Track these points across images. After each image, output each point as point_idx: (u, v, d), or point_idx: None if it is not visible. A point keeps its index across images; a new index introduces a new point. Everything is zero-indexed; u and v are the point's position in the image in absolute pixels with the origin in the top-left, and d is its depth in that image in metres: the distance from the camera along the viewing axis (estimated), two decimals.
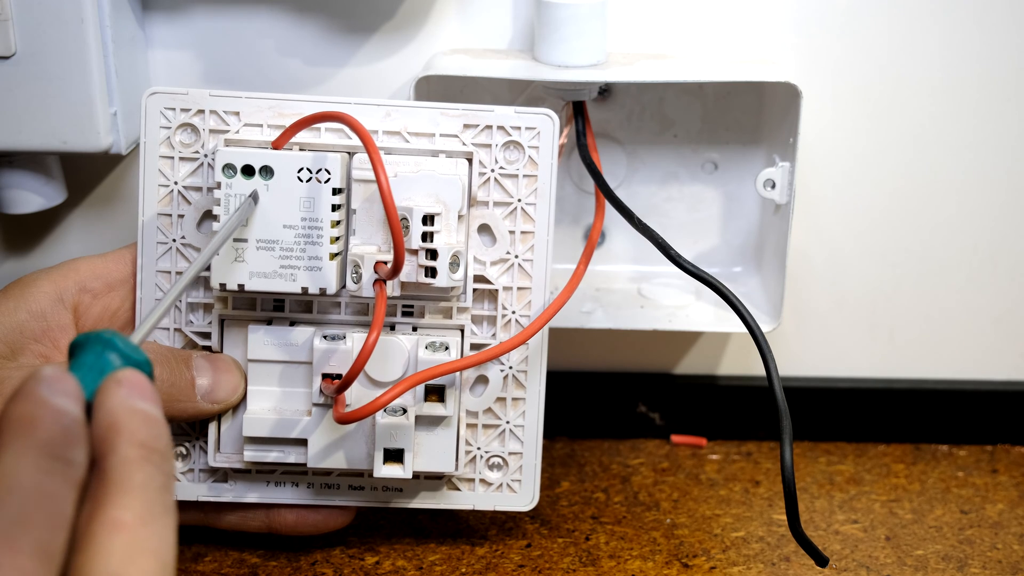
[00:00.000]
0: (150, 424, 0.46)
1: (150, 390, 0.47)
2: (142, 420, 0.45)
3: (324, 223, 0.64)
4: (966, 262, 0.83)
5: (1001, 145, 0.81)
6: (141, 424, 0.45)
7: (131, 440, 0.45)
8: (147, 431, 0.45)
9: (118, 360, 0.48)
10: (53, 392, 0.44)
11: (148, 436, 0.45)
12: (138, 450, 0.45)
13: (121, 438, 0.45)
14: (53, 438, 0.43)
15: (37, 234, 0.82)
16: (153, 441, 0.45)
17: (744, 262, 0.83)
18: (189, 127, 0.67)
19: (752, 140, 0.81)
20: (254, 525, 0.71)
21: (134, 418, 0.45)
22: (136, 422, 0.45)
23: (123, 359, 0.48)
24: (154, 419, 0.46)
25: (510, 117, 0.67)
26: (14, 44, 0.69)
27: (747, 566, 0.73)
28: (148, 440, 0.45)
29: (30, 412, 0.43)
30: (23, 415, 0.43)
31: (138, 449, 0.45)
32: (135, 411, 0.45)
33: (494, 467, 0.70)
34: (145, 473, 0.44)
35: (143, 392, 0.46)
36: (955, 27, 0.78)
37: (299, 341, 0.67)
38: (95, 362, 0.48)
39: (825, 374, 0.86)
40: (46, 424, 0.43)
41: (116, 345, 0.48)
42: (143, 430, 0.45)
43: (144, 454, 0.45)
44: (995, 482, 0.82)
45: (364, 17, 0.77)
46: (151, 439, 0.45)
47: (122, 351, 0.48)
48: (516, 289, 0.68)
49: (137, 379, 0.47)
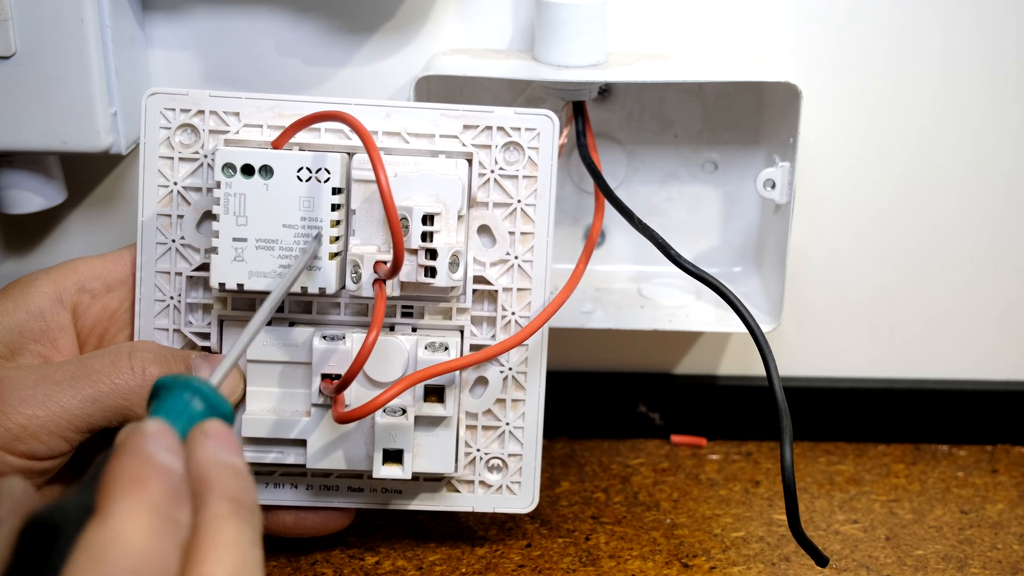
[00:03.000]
0: (239, 478, 0.46)
1: (236, 443, 0.47)
2: (232, 474, 0.46)
3: (324, 223, 0.64)
4: (966, 262, 0.83)
5: (1001, 145, 0.81)
6: (231, 478, 0.46)
7: (222, 495, 0.45)
8: (236, 485, 0.46)
9: (202, 407, 0.48)
10: (160, 449, 0.44)
11: (238, 491, 0.46)
12: (229, 505, 0.45)
13: (213, 493, 0.45)
14: (163, 498, 0.43)
15: (37, 234, 0.82)
16: (242, 495, 0.46)
17: (744, 262, 0.83)
18: (189, 127, 0.67)
19: (752, 140, 0.81)
20: None
21: (224, 472, 0.46)
22: (226, 476, 0.46)
23: (207, 407, 0.48)
24: (242, 473, 0.46)
25: (510, 118, 0.67)
26: (14, 44, 0.69)
27: (747, 566, 0.73)
28: (238, 495, 0.45)
29: (139, 470, 0.44)
30: (132, 472, 0.43)
31: (229, 504, 0.45)
32: (225, 466, 0.46)
33: (494, 469, 0.70)
34: (236, 528, 0.45)
35: (230, 445, 0.47)
36: (955, 26, 0.78)
37: (298, 341, 0.67)
38: (182, 409, 0.48)
39: (825, 374, 0.86)
40: (155, 483, 0.43)
41: (203, 392, 0.48)
42: (233, 484, 0.46)
43: (235, 509, 0.45)
44: (995, 482, 0.82)
45: (364, 17, 0.77)
46: (240, 493, 0.46)
47: (208, 397, 0.48)
48: (516, 290, 0.68)
49: (224, 431, 0.47)
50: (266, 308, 0.59)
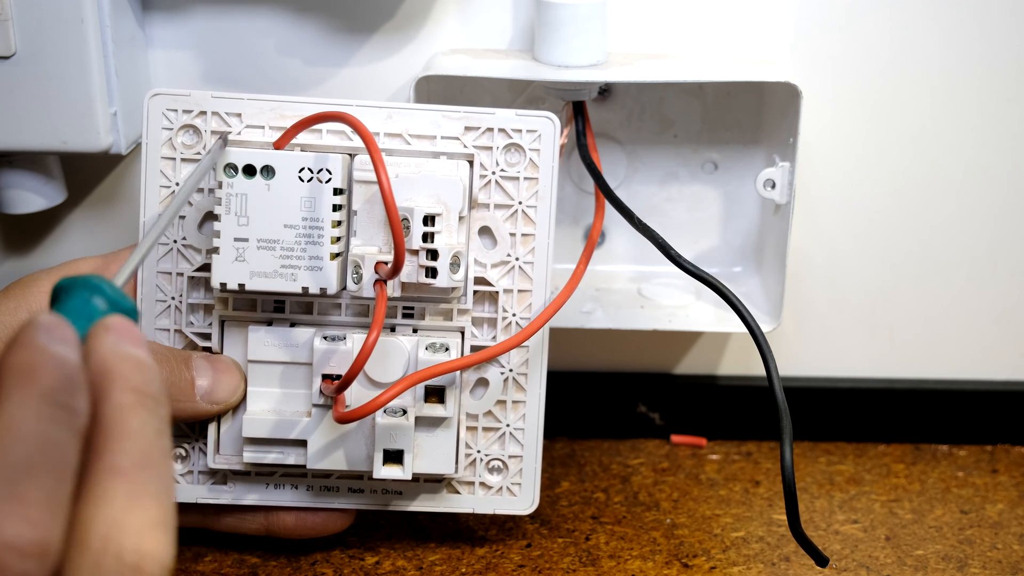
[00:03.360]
0: (142, 369, 0.45)
1: (139, 336, 0.46)
2: (134, 365, 0.45)
3: (325, 223, 0.64)
4: (966, 262, 0.83)
5: (1001, 145, 0.81)
6: (133, 369, 0.45)
7: (124, 386, 0.44)
8: (139, 376, 0.45)
9: (104, 305, 0.47)
10: (52, 340, 0.43)
11: (141, 381, 0.45)
12: (132, 395, 0.44)
13: (115, 384, 0.44)
14: (55, 386, 0.43)
15: (37, 234, 0.82)
16: (146, 386, 0.45)
17: (744, 262, 0.83)
18: (191, 128, 0.67)
19: (752, 140, 0.81)
20: (253, 528, 0.71)
21: (126, 363, 0.45)
22: (128, 367, 0.45)
23: (110, 305, 0.47)
24: (145, 364, 0.45)
25: (511, 120, 0.67)
26: (14, 44, 0.69)
27: (747, 566, 0.73)
28: (141, 385, 0.45)
29: (30, 360, 0.43)
30: (24, 363, 0.43)
31: (132, 394, 0.44)
32: (126, 357, 0.45)
33: (494, 470, 0.70)
34: (140, 418, 0.44)
35: (133, 338, 0.46)
36: (955, 27, 0.78)
37: (299, 342, 0.67)
38: (82, 308, 0.47)
39: (825, 374, 0.86)
40: (47, 372, 0.43)
41: (103, 290, 0.47)
42: (135, 375, 0.45)
43: (138, 399, 0.44)
44: (995, 482, 0.82)
45: (364, 17, 0.77)
46: (144, 384, 0.45)
47: (109, 296, 0.47)
48: (516, 291, 0.68)
49: (125, 325, 0.46)
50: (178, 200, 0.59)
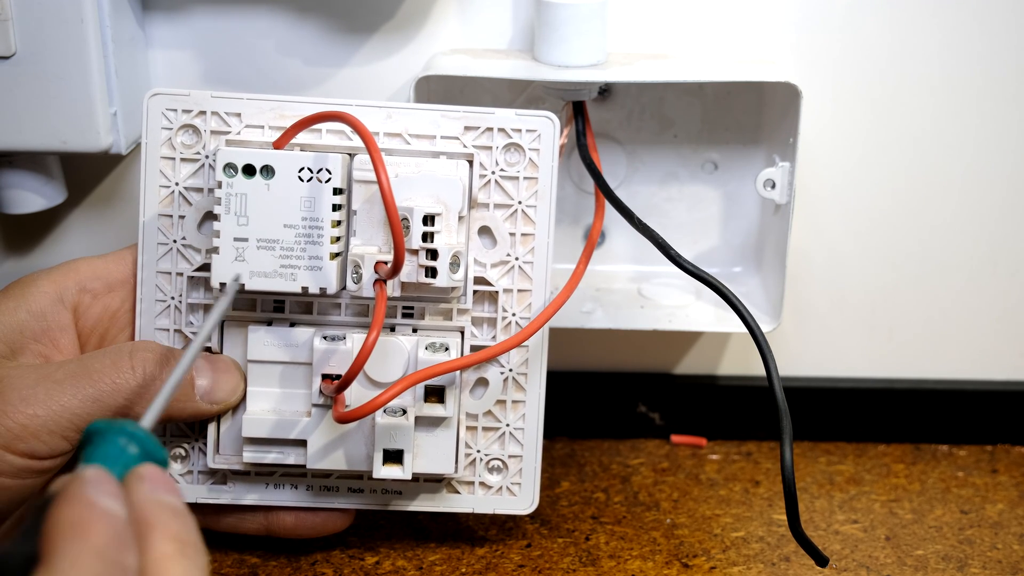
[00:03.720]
0: (179, 517, 0.46)
1: (172, 484, 0.47)
2: (172, 514, 0.46)
3: (325, 223, 0.64)
4: (966, 262, 0.83)
5: (1001, 145, 0.81)
6: (172, 518, 0.45)
7: (165, 535, 0.45)
8: (178, 525, 0.45)
9: (136, 450, 0.48)
10: (101, 493, 0.44)
11: (180, 530, 0.45)
12: (173, 544, 0.45)
13: (156, 533, 0.45)
14: (108, 543, 0.43)
15: (37, 234, 0.82)
16: (185, 534, 0.45)
17: (744, 262, 0.83)
18: (191, 128, 0.67)
19: (752, 140, 0.81)
20: (253, 528, 0.71)
21: (164, 512, 0.45)
22: (167, 516, 0.45)
23: (141, 450, 0.48)
24: (182, 512, 0.46)
25: (511, 119, 0.67)
26: (14, 44, 0.69)
27: (747, 566, 0.73)
28: (181, 534, 0.45)
29: (81, 516, 0.43)
30: (75, 519, 0.43)
31: (173, 543, 0.45)
32: (164, 505, 0.46)
33: (494, 470, 0.70)
34: (182, 567, 0.44)
35: (167, 486, 0.47)
36: (955, 27, 0.78)
37: (299, 342, 0.67)
38: (117, 455, 0.47)
39: (825, 374, 0.86)
40: (99, 528, 0.43)
41: (137, 436, 0.48)
42: (174, 524, 0.45)
43: (179, 548, 0.45)
44: (995, 482, 0.82)
45: (364, 17, 0.77)
46: (183, 532, 0.45)
47: (142, 441, 0.48)
48: (516, 291, 0.68)
49: (159, 474, 0.47)
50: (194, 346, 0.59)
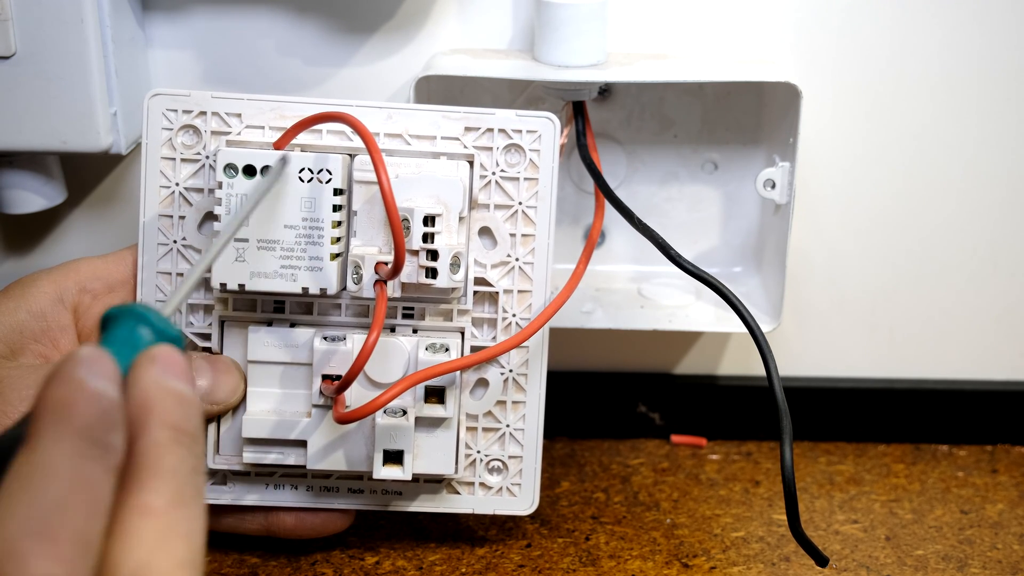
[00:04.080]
0: (183, 404, 0.45)
1: (183, 368, 0.46)
2: (175, 400, 0.45)
3: (325, 223, 0.64)
4: (966, 262, 0.83)
5: (1001, 145, 0.81)
6: (174, 405, 0.45)
7: (163, 422, 0.44)
8: (179, 412, 0.45)
9: (151, 335, 0.47)
10: (92, 374, 0.43)
11: (180, 417, 0.45)
12: (170, 432, 0.44)
13: (153, 419, 0.44)
14: (91, 422, 0.42)
15: (37, 234, 0.82)
16: (185, 422, 0.45)
17: (744, 262, 0.83)
18: (191, 129, 0.67)
19: (752, 140, 0.81)
20: (253, 528, 0.71)
21: (167, 398, 0.45)
22: (169, 402, 0.44)
23: (156, 334, 0.47)
24: (187, 399, 0.45)
25: (511, 120, 0.67)
26: (14, 44, 0.69)
27: (747, 566, 0.73)
28: (180, 422, 0.44)
29: (68, 395, 0.42)
30: (61, 398, 0.42)
31: (170, 431, 0.44)
32: (168, 390, 0.45)
33: (494, 471, 0.70)
34: (176, 456, 0.44)
35: (176, 370, 0.45)
36: (955, 27, 0.78)
37: (299, 342, 0.67)
38: (128, 337, 0.46)
39: (825, 374, 0.86)
40: (84, 408, 0.42)
41: (149, 319, 0.47)
42: (175, 411, 0.44)
43: (175, 436, 0.44)
44: (995, 482, 0.82)
45: (364, 17, 0.77)
46: (183, 420, 0.45)
47: (156, 325, 0.47)
48: (516, 292, 0.68)
49: (171, 356, 0.46)
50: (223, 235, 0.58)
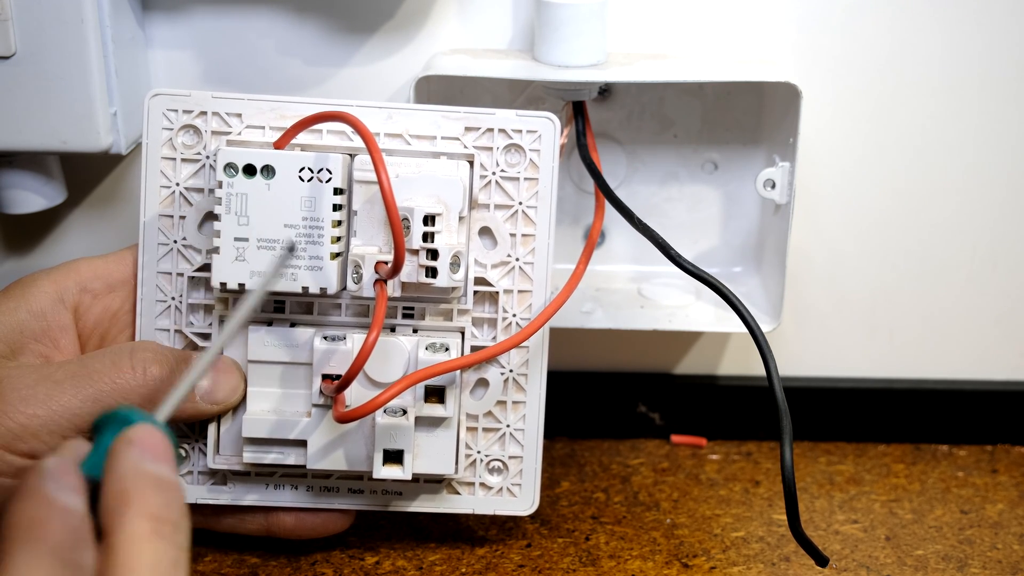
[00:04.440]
0: (162, 490, 0.43)
1: (164, 450, 0.45)
2: (154, 487, 0.43)
3: (325, 223, 0.64)
4: (966, 262, 0.83)
5: (1001, 145, 0.81)
6: (152, 492, 0.43)
7: (141, 512, 0.42)
8: (158, 500, 0.43)
9: None
10: (59, 488, 0.42)
11: (159, 505, 0.43)
12: (148, 523, 0.42)
13: (130, 510, 0.42)
14: (63, 542, 0.41)
15: (37, 234, 0.82)
16: (165, 510, 0.43)
17: (744, 262, 0.83)
18: (191, 128, 0.67)
19: (752, 140, 0.81)
20: (253, 528, 0.71)
21: (145, 485, 0.43)
22: (147, 490, 0.43)
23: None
24: (167, 483, 0.44)
25: (511, 120, 0.67)
26: (14, 44, 0.69)
27: (747, 566, 0.73)
28: (159, 511, 0.43)
29: (37, 514, 0.42)
30: (31, 518, 0.41)
31: (148, 522, 0.42)
32: (147, 476, 0.43)
33: (494, 471, 0.70)
34: (154, 549, 0.42)
35: (157, 453, 0.44)
36: (955, 27, 0.78)
37: (299, 342, 0.67)
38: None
39: (825, 374, 0.86)
40: (55, 527, 0.41)
41: (134, 420, 0.45)
42: (153, 499, 0.43)
43: (154, 527, 0.42)
44: (995, 482, 0.82)
45: (364, 17, 0.77)
46: (162, 508, 0.43)
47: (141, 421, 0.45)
48: (517, 292, 0.68)
49: (150, 437, 0.44)
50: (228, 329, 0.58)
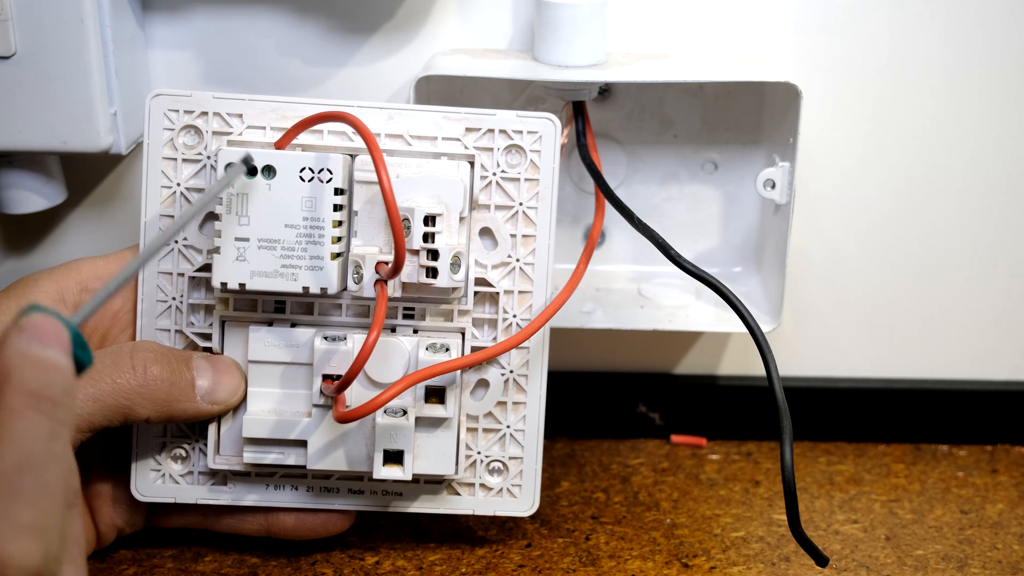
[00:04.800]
0: (44, 371, 0.44)
1: (55, 335, 0.45)
2: (36, 367, 0.44)
3: (326, 223, 0.64)
4: (966, 262, 0.83)
5: (1001, 145, 0.81)
6: (33, 371, 0.44)
7: (18, 388, 0.44)
8: (38, 378, 0.44)
9: None
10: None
11: (39, 383, 0.44)
12: (24, 398, 0.44)
13: (9, 387, 0.44)
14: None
15: (37, 234, 0.82)
16: (44, 388, 0.44)
17: (744, 262, 0.83)
18: (192, 129, 0.67)
19: (752, 140, 0.81)
20: (253, 529, 0.71)
21: (27, 365, 0.44)
22: (29, 369, 0.44)
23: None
24: (50, 365, 0.45)
25: (512, 121, 0.67)
26: (14, 44, 0.69)
27: (747, 566, 0.73)
28: (38, 388, 0.44)
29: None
30: None
31: (24, 397, 0.44)
32: (29, 358, 0.44)
33: (494, 472, 0.70)
34: (29, 421, 0.43)
35: (45, 337, 0.45)
36: (955, 27, 0.78)
37: (300, 342, 0.67)
38: None
39: (825, 374, 0.86)
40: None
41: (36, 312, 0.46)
42: (34, 377, 0.44)
43: (30, 402, 0.44)
44: (995, 482, 0.82)
45: (364, 17, 0.77)
46: (42, 387, 0.44)
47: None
48: (517, 293, 0.68)
49: (42, 324, 0.45)
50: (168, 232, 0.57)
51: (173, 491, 0.69)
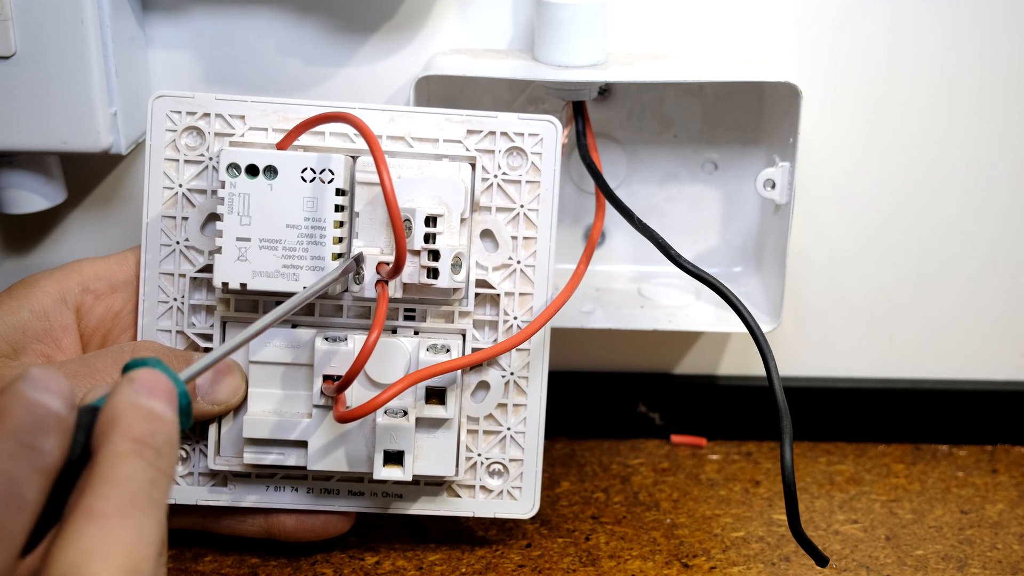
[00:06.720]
0: (150, 420, 0.46)
1: (163, 390, 0.47)
2: (142, 416, 0.46)
3: (327, 223, 0.64)
4: (966, 262, 0.84)
5: (1001, 145, 0.81)
6: (139, 419, 0.46)
7: (125, 434, 0.45)
8: (144, 427, 0.46)
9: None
10: (34, 388, 0.45)
11: (144, 432, 0.46)
12: (131, 444, 0.45)
13: (116, 432, 0.45)
14: (22, 426, 0.44)
15: (37, 234, 0.82)
16: (149, 437, 0.46)
17: (744, 262, 0.83)
18: (194, 130, 0.67)
19: (752, 140, 0.81)
20: (253, 530, 0.71)
21: (134, 414, 0.46)
22: (134, 417, 0.46)
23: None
24: (156, 416, 0.46)
25: (513, 123, 0.67)
26: (14, 44, 0.69)
27: (747, 566, 0.73)
28: (144, 436, 0.45)
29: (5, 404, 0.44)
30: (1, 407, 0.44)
31: (131, 443, 0.45)
32: (137, 407, 0.46)
33: (494, 474, 0.70)
34: (133, 467, 0.45)
35: (154, 391, 0.47)
36: (955, 26, 0.78)
37: (301, 343, 0.67)
38: None
39: (825, 374, 0.86)
40: (16, 414, 0.44)
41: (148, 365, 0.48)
42: (140, 425, 0.46)
43: (136, 448, 0.45)
44: (995, 482, 0.82)
45: (364, 17, 0.77)
46: (147, 435, 0.46)
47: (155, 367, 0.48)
48: (518, 294, 0.68)
49: (151, 378, 0.47)
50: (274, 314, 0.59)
51: (173, 492, 0.69)
